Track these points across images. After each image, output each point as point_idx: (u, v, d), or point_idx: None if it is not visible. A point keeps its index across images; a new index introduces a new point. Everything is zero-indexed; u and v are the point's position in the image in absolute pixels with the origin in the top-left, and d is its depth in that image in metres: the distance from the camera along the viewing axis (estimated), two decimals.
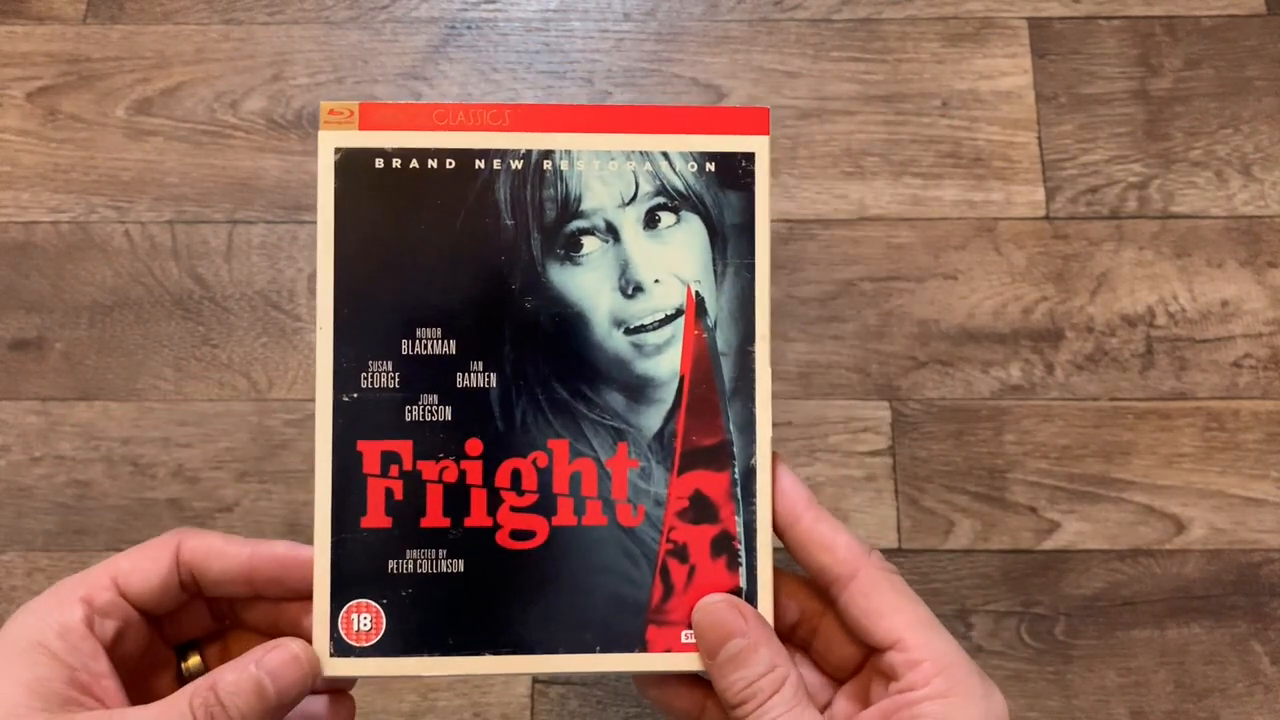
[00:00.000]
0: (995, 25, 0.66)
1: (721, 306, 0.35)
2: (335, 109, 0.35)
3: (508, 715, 0.55)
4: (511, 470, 0.35)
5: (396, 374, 0.34)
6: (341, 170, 0.35)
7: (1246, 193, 0.62)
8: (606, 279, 0.35)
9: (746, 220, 0.35)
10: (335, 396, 0.34)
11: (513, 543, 0.34)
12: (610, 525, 0.35)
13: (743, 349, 0.35)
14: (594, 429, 0.35)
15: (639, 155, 0.35)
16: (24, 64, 0.66)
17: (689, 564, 0.35)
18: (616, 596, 0.34)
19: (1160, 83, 0.65)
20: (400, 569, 0.34)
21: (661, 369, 0.35)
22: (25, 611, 0.32)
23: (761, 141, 0.36)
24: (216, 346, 0.61)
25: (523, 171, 0.35)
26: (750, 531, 0.35)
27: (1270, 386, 0.59)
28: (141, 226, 0.63)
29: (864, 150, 0.64)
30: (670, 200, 0.35)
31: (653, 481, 0.35)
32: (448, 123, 0.35)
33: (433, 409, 0.34)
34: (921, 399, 0.59)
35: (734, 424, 0.35)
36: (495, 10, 0.67)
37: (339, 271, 0.34)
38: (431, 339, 0.35)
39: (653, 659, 0.34)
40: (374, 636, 0.34)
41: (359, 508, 0.34)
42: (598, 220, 0.35)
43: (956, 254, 0.62)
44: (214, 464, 0.59)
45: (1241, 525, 0.57)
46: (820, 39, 0.66)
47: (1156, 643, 0.56)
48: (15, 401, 0.60)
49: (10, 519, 0.58)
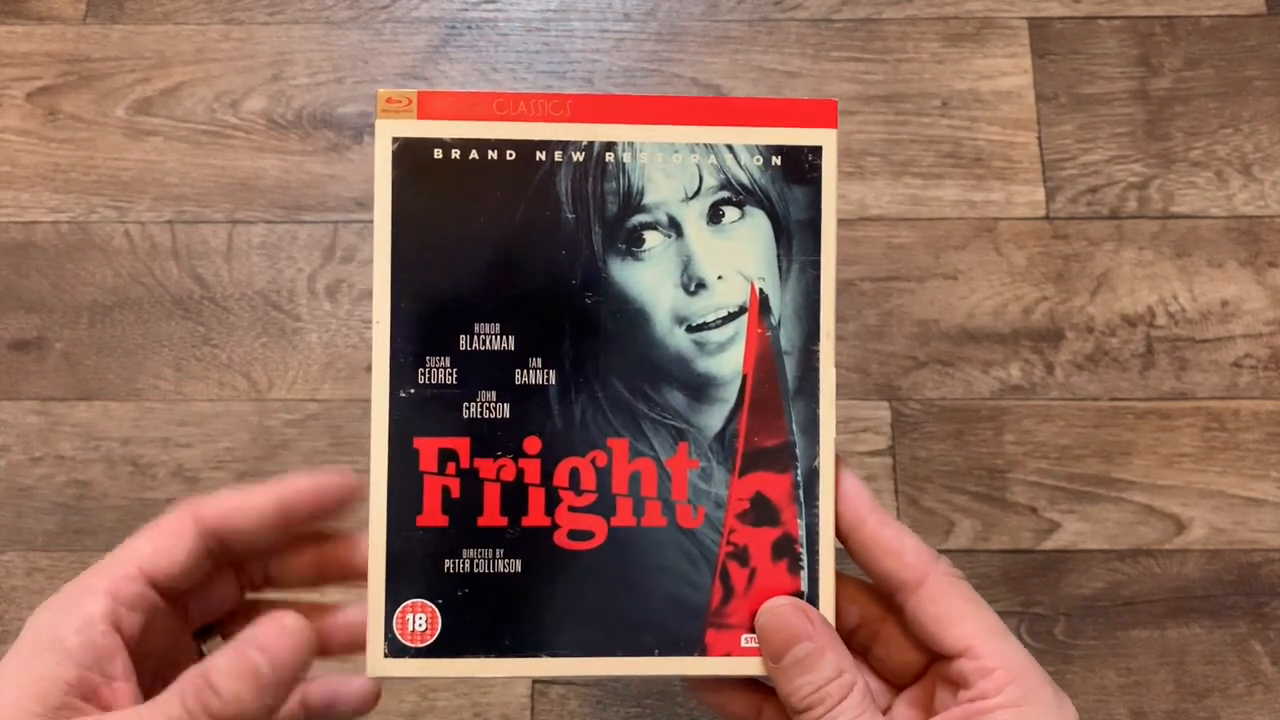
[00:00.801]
0: (995, 25, 0.66)
1: (786, 304, 0.34)
2: (394, 97, 0.34)
3: (508, 715, 0.55)
4: (570, 469, 0.34)
5: (454, 370, 0.34)
6: (399, 160, 0.34)
7: (1246, 193, 0.62)
8: (669, 275, 0.34)
9: (812, 216, 0.35)
10: (392, 392, 0.34)
11: (571, 543, 0.34)
12: (669, 526, 0.34)
13: (806, 348, 0.34)
14: (654, 428, 0.34)
15: (703, 148, 0.34)
16: (24, 64, 0.66)
17: (749, 567, 0.34)
18: (675, 599, 0.34)
19: (1160, 83, 0.65)
20: (457, 568, 0.33)
21: (724, 367, 0.34)
22: (50, 604, 0.31)
23: (829, 135, 0.35)
24: (216, 346, 0.61)
25: (584, 163, 0.34)
26: (812, 535, 0.34)
27: (1270, 386, 0.59)
28: (141, 226, 0.63)
29: (864, 150, 0.64)
30: (735, 194, 0.34)
31: (713, 482, 0.34)
32: (508, 112, 0.34)
33: (491, 406, 0.34)
34: (921, 399, 0.59)
35: (797, 424, 0.34)
36: (495, 10, 0.67)
37: (396, 264, 0.34)
38: (490, 334, 0.34)
39: (712, 663, 0.34)
40: (429, 637, 0.33)
41: (415, 505, 0.33)
42: (660, 214, 0.34)
43: (956, 254, 0.62)
44: (214, 464, 0.59)
45: (1241, 525, 0.57)
46: (820, 39, 0.66)
47: (1156, 643, 0.56)
48: (15, 401, 0.60)
49: (10, 519, 0.58)
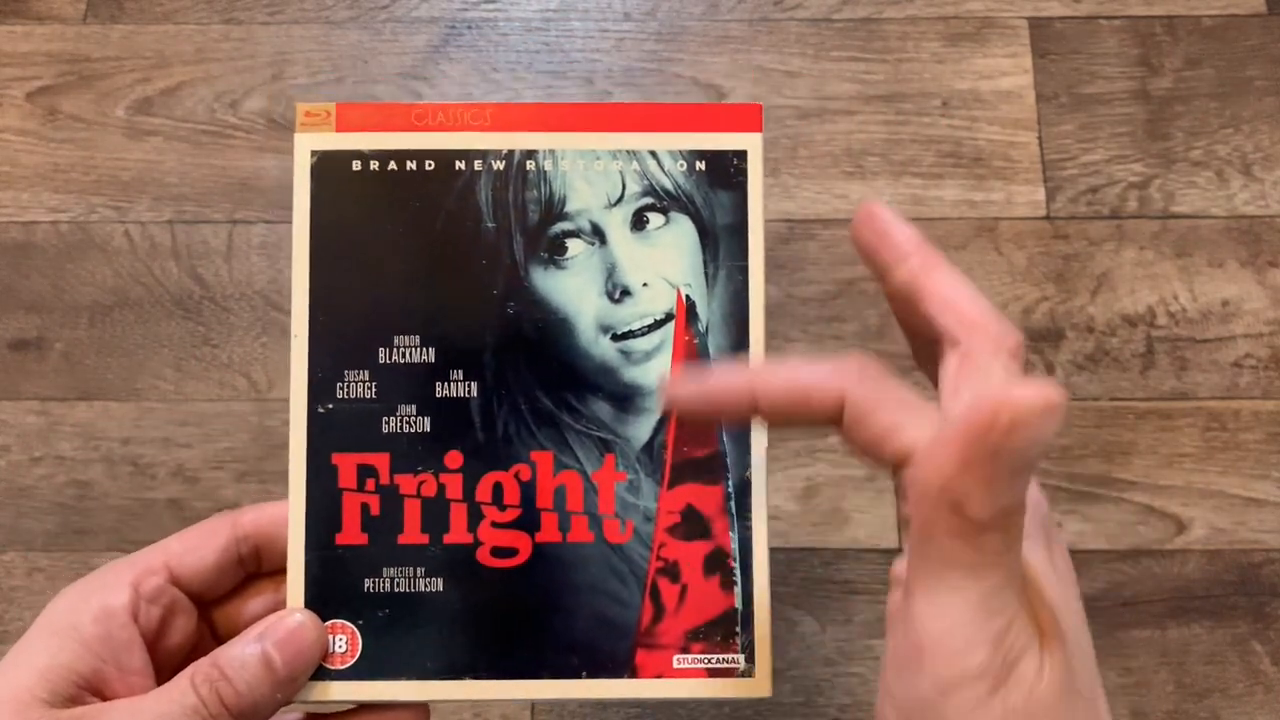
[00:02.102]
0: (996, 25, 0.66)
1: (713, 311, 0.34)
2: (311, 110, 0.34)
3: (508, 715, 0.55)
4: (493, 484, 0.33)
5: (373, 384, 0.33)
6: (318, 173, 0.34)
7: (1247, 192, 0.62)
8: (592, 283, 0.34)
9: (739, 221, 0.34)
10: (310, 407, 0.33)
11: (494, 560, 0.33)
12: (597, 542, 0.33)
13: (735, 355, 0.34)
14: (579, 440, 0.33)
15: (626, 154, 0.34)
16: (24, 64, 0.66)
17: (680, 583, 0.33)
18: (604, 618, 0.33)
19: (1161, 82, 0.65)
20: (377, 588, 0.33)
21: (650, 376, 0.33)
22: (72, 590, 0.31)
23: (754, 139, 0.34)
24: (216, 346, 0.61)
25: (504, 172, 0.34)
26: (745, 548, 0.33)
27: (1271, 386, 0.59)
28: (141, 226, 0.63)
29: (864, 150, 0.63)
30: (659, 200, 0.34)
31: (641, 495, 0.33)
32: (427, 123, 0.34)
33: (411, 420, 0.33)
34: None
35: (727, 434, 0.33)
36: (495, 10, 0.67)
37: (314, 277, 0.33)
38: (410, 347, 0.33)
39: (643, 685, 0.33)
40: (350, 659, 0.32)
41: (334, 524, 0.33)
42: (583, 222, 0.34)
43: (957, 254, 0.62)
44: (214, 464, 0.59)
45: (1242, 525, 0.57)
46: (820, 39, 0.66)
47: (1157, 643, 0.56)
48: (15, 401, 0.60)
49: (10, 519, 0.58)
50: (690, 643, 0.33)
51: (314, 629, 0.31)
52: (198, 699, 0.29)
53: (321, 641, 0.32)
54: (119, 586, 0.31)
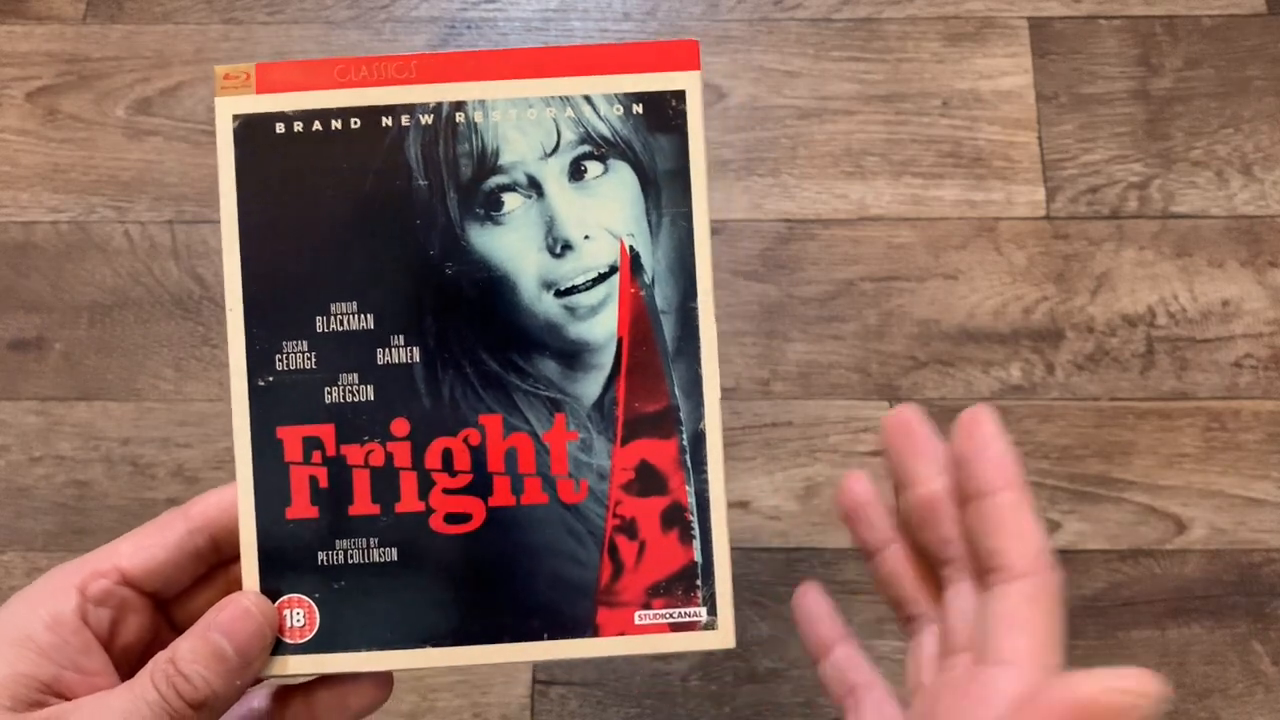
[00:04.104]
0: (996, 25, 0.66)
1: (659, 261, 0.33)
2: (231, 73, 0.33)
3: (507, 715, 0.55)
4: (442, 450, 0.32)
5: (313, 354, 0.32)
6: (241, 138, 0.33)
7: (1247, 192, 0.62)
8: (532, 238, 0.32)
9: (680, 166, 0.33)
10: (250, 381, 0.32)
11: (447, 527, 0.32)
12: (551, 503, 0.32)
13: (684, 306, 0.33)
14: (528, 401, 0.33)
15: (559, 101, 0.32)
16: (24, 64, 0.66)
17: (639, 540, 0.32)
18: (562, 579, 0.32)
19: (1161, 82, 0.65)
20: (331, 560, 0.32)
21: (597, 332, 0.32)
22: (19, 599, 0.31)
23: (692, 77, 0.33)
24: (216, 346, 0.61)
25: (433, 126, 0.32)
26: (703, 501, 0.32)
27: (1271, 386, 0.59)
28: (141, 226, 0.63)
29: (864, 150, 0.63)
30: (596, 148, 0.33)
31: (594, 454, 0.33)
32: (350, 79, 0.32)
33: (353, 389, 0.32)
34: (922, 399, 0.59)
35: (679, 387, 0.33)
36: (495, 10, 0.67)
37: (245, 248, 0.32)
38: (347, 314, 0.32)
39: (606, 643, 0.32)
40: (309, 632, 0.32)
41: (283, 498, 0.32)
42: (518, 174, 0.33)
43: (957, 254, 0.62)
44: (214, 464, 0.59)
45: (1242, 525, 0.57)
46: (820, 39, 0.66)
47: (1157, 643, 0.56)
48: (15, 401, 0.60)
49: (10, 519, 0.58)
50: (651, 599, 0.33)
51: (260, 612, 0.31)
52: (158, 695, 0.29)
53: (271, 622, 0.32)
54: (65, 592, 0.31)
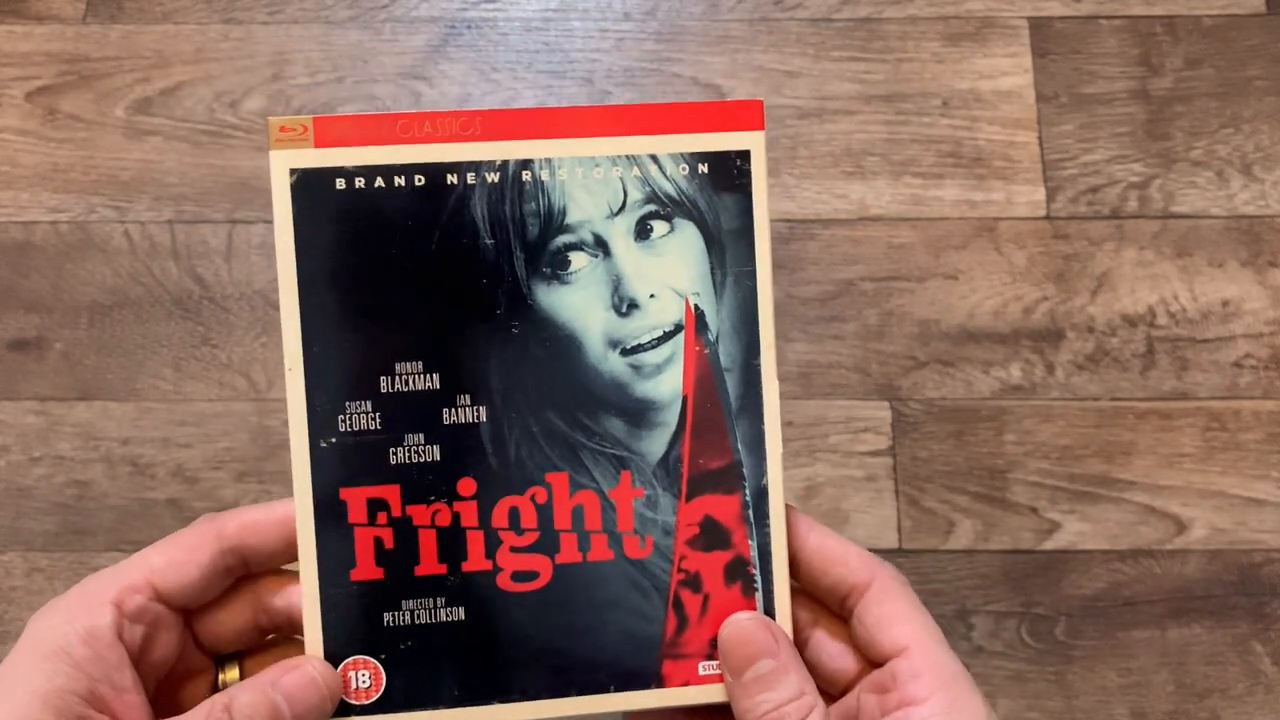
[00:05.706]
0: (996, 25, 0.66)
1: (723, 319, 0.33)
2: (287, 125, 0.32)
3: None
4: (509, 509, 0.33)
5: (377, 414, 0.32)
6: (299, 193, 0.32)
7: (1247, 192, 0.62)
8: (598, 297, 0.33)
9: (744, 224, 0.33)
10: (312, 443, 0.32)
11: (515, 585, 0.33)
12: (617, 559, 0.33)
13: (747, 363, 0.33)
14: (594, 459, 0.33)
15: (625, 160, 0.33)
16: (24, 64, 0.66)
17: (703, 593, 0.33)
18: (628, 632, 0.33)
19: (1161, 82, 0.65)
20: (397, 621, 0.32)
21: (662, 390, 0.33)
22: (53, 610, 0.31)
23: (757, 137, 0.33)
24: (216, 346, 0.61)
25: (500, 184, 0.32)
26: (765, 554, 0.33)
27: (1271, 386, 0.59)
28: (141, 226, 0.63)
29: (864, 150, 0.63)
30: (662, 207, 0.33)
31: (660, 510, 0.33)
32: (413, 134, 0.32)
33: (419, 449, 0.32)
34: (922, 399, 0.59)
35: (742, 443, 0.33)
36: (495, 10, 0.67)
37: (305, 306, 0.32)
38: (412, 374, 0.32)
39: (670, 694, 0.33)
40: (375, 693, 0.32)
41: (348, 560, 0.32)
42: (585, 233, 0.33)
43: (957, 254, 0.62)
44: (214, 464, 0.59)
45: (1242, 525, 0.57)
46: (820, 39, 0.66)
47: (1157, 643, 0.56)
48: (15, 401, 0.60)
49: (10, 519, 0.58)
50: (714, 650, 0.33)
51: (325, 684, 0.31)
52: None
53: (334, 695, 0.32)
54: (102, 606, 0.31)
